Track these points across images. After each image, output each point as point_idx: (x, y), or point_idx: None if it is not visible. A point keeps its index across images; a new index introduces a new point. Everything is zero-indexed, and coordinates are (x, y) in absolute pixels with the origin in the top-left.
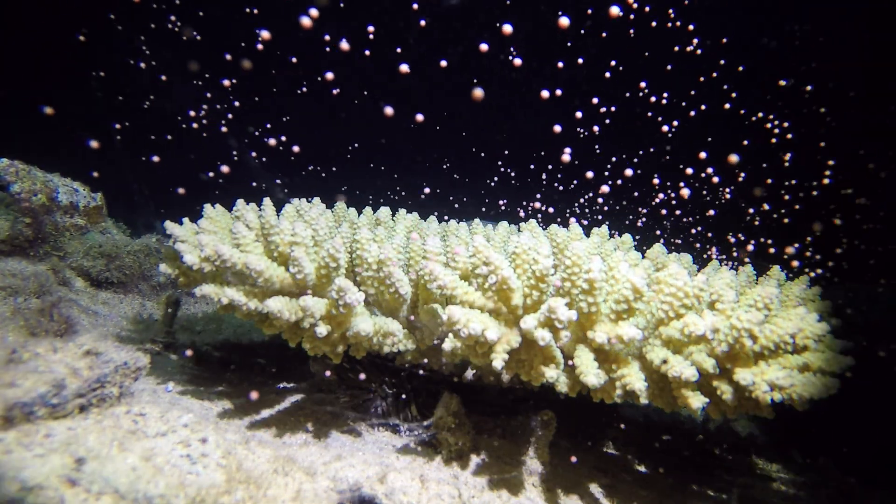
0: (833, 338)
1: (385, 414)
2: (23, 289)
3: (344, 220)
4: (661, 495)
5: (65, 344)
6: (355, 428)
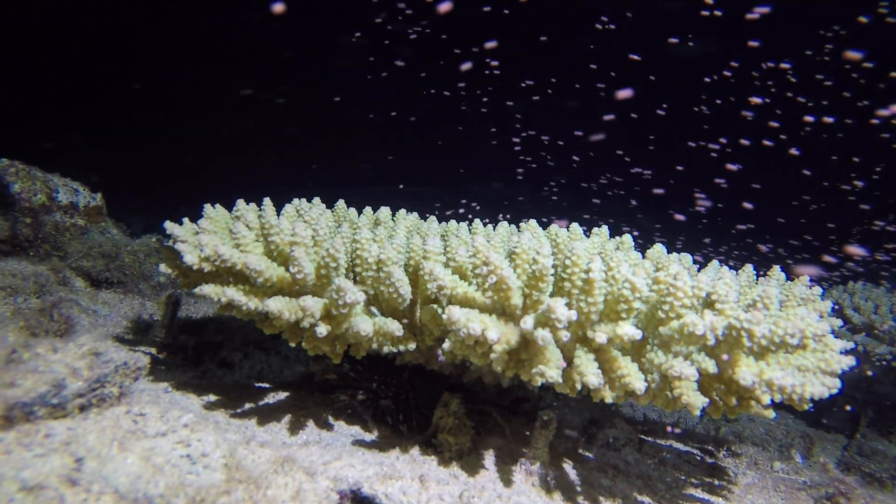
0: (833, 338)
1: (385, 414)
2: (23, 289)
3: (344, 220)
4: (660, 495)
5: (65, 344)
6: (355, 428)
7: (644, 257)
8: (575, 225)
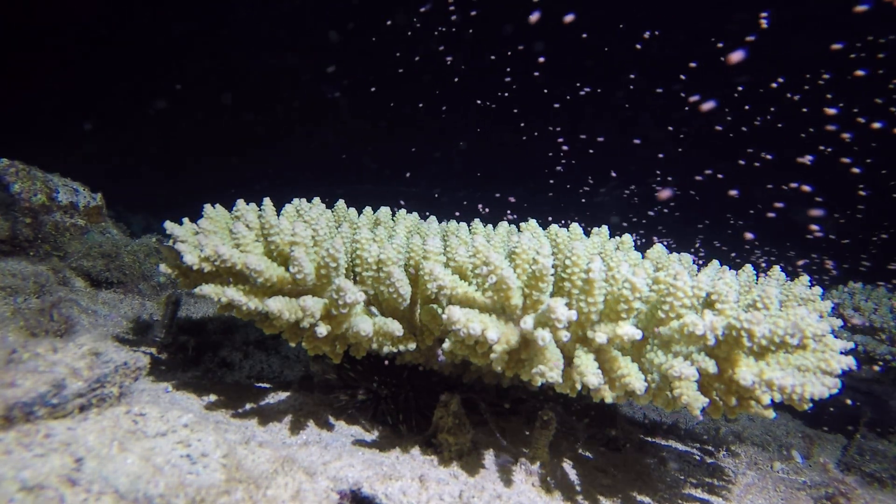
0: (833, 338)
1: (385, 414)
2: (23, 289)
3: (344, 220)
4: (660, 495)
5: (65, 344)
6: (355, 428)
7: (644, 257)
8: (574, 225)
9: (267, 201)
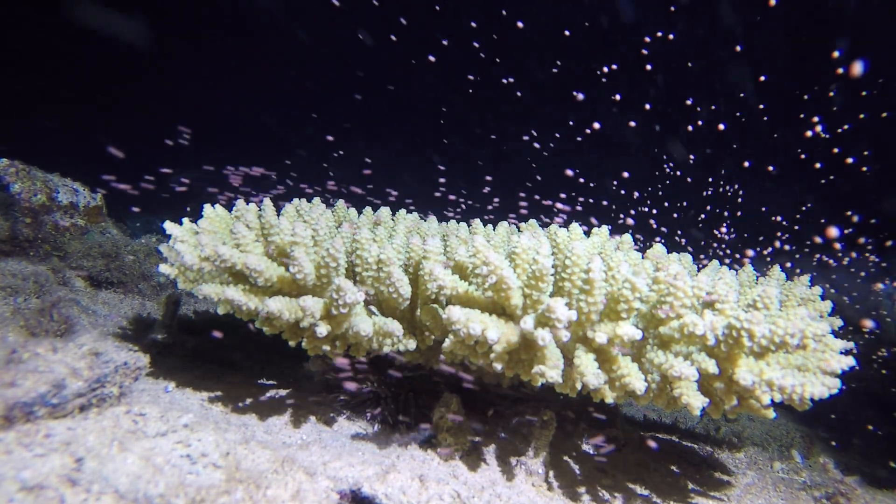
0: (833, 338)
1: (385, 414)
2: (23, 289)
3: (344, 220)
4: (661, 495)
5: (65, 344)
6: (355, 428)
7: (644, 257)
8: (574, 225)
9: (267, 201)
